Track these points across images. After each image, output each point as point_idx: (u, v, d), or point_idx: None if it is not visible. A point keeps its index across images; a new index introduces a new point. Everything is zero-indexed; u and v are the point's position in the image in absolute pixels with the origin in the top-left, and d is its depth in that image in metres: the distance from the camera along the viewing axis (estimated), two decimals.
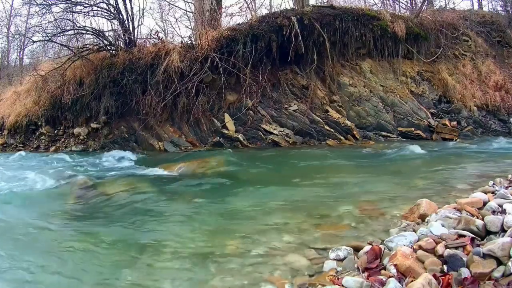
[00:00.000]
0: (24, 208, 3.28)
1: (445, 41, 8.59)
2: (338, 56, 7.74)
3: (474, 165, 4.40)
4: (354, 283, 1.49)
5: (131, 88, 7.36)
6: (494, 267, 1.45)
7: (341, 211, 2.71)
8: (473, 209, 2.02)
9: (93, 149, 7.83)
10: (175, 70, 7.08)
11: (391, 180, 3.79)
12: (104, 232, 2.64)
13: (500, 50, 9.56)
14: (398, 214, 2.51)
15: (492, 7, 13.05)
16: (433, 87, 8.24)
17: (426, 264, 1.55)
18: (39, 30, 8.68)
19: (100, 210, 3.31)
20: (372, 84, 7.85)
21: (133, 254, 2.17)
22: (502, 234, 1.69)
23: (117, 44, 8.17)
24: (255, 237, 2.31)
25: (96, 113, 7.76)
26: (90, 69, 7.81)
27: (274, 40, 7.27)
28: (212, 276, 1.84)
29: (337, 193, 3.36)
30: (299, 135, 7.28)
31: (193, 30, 9.43)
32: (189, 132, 7.49)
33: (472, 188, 2.88)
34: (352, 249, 1.88)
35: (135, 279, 1.86)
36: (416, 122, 7.61)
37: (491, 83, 8.46)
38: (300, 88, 7.66)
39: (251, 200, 3.32)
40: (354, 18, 7.69)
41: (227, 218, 2.81)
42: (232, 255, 2.06)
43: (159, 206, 3.33)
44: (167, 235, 2.49)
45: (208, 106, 7.36)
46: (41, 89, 8.33)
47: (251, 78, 7.19)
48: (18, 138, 8.78)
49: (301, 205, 3.01)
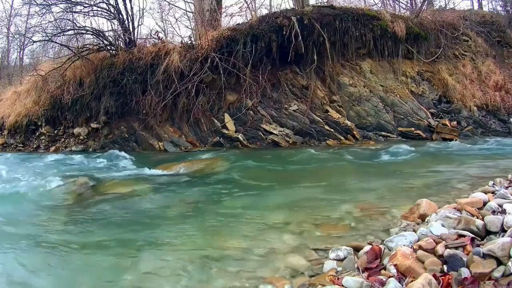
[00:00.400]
0: (23, 208, 3.28)
1: (445, 41, 8.59)
2: (338, 56, 7.74)
3: (474, 165, 4.39)
4: (354, 283, 1.49)
5: (131, 88, 7.37)
6: (494, 267, 1.45)
7: (341, 211, 2.71)
8: (473, 209, 2.02)
9: (93, 149, 7.83)
10: (175, 70, 7.08)
11: (391, 180, 3.79)
12: (104, 232, 2.64)
13: (500, 50, 9.56)
14: (398, 214, 2.50)
15: (492, 7, 13.08)
16: (433, 87, 8.24)
17: (426, 264, 1.55)
18: (39, 30, 8.70)
19: (100, 210, 3.31)
20: (372, 84, 7.85)
21: (133, 254, 2.17)
22: (502, 234, 1.69)
23: (117, 44, 8.18)
24: (255, 237, 2.31)
25: (96, 113, 7.76)
26: (90, 69, 7.81)
27: (274, 40, 7.27)
28: (212, 277, 1.84)
29: (337, 193, 3.36)
30: (299, 135, 7.28)
31: (193, 30, 9.43)
32: (189, 132, 7.49)
33: (472, 188, 2.88)
34: (352, 249, 1.88)
35: (135, 280, 1.85)
36: (416, 122, 7.61)
37: (491, 83, 8.47)
38: (300, 88, 7.66)
39: (251, 200, 3.32)
40: (354, 18, 7.69)
41: (227, 218, 2.81)
42: (232, 255, 2.06)
43: (159, 206, 3.33)
44: (167, 235, 2.49)
45: (208, 106, 7.36)
46: (41, 89, 8.34)
47: (251, 78, 7.19)
48: (18, 138, 8.78)
49: (301, 205, 3.01)
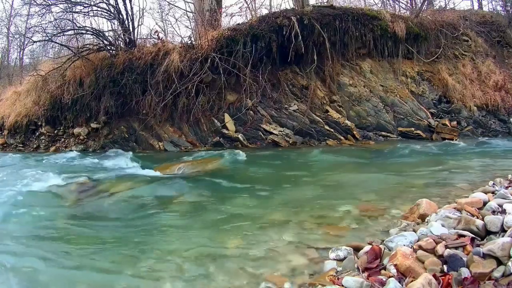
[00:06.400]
0: (23, 209, 3.27)
1: (445, 41, 8.58)
2: (338, 56, 7.74)
3: (474, 165, 4.39)
4: (354, 283, 1.49)
5: (131, 88, 7.36)
6: (494, 267, 1.45)
7: (341, 211, 2.71)
8: (473, 209, 2.02)
9: (93, 149, 7.83)
10: (175, 70, 7.07)
11: (391, 180, 3.79)
12: (104, 232, 2.65)
13: (500, 50, 9.55)
14: (398, 214, 2.51)
15: (492, 7, 13.06)
16: (433, 87, 8.24)
17: (426, 264, 1.55)
18: (39, 30, 8.65)
19: (100, 210, 3.31)
20: (372, 84, 7.85)
21: (133, 254, 2.17)
22: (502, 234, 1.69)
23: (117, 44, 8.17)
24: (255, 237, 2.31)
25: (96, 113, 7.75)
26: (90, 69, 7.81)
27: (274, 40, 7.27)
28: (212, 276, 1.84)
29: (337, 193, 3.36)
30: (299, 135, 7.28)
31: (193, 30, 9.41)
32: (189, 132, 7.49)
33: (472, 188, 2.88)
34: (352, 249, 1.88)
35: (135, 279, 1.86)
36: (416, 122, 7.61)
37: (491, 83, 8.46)
38: (300, 88, 7.66)
39: (251, 199, 3.32)
40: (354, 18, 7.69)
41: (227, 218, 2.81)
42: (232, 255, 2.06)
43: (159, 206, 3.33)
44: (167, 235, 2.50)
45: (208, 106, 7.36)
46: (41, 89, 8.32)
47: (251, 78, 7.19)
48: (18, 138, 8.77)
49: (301, 205, 3.01)
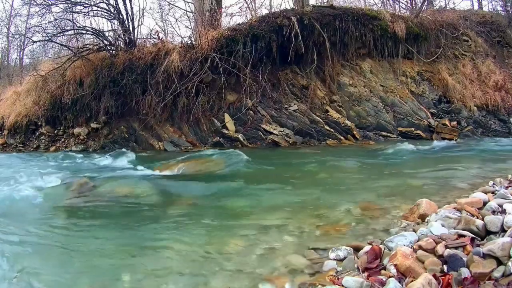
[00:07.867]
0: (23, 209, 3.28)
1: (445, 41, 8.59)
2: (338, 56, 7.75)
3: (474, 165, 4.40)
4: (354, 283, 1.49)
5: (131, 88, 7.36)
6: (494, 267, 1.45)
7: (341, 211, 2.71)
8: (473, 209, 2.02)
9: (93, 149, 7.82)
10: (175, 70, 7.07)
11: (391, 180, 3.79)
12: (104, 232, 2.64)
13: (500, 50, 9.55)
14: (398, 214, 2.51)
15: (492, 7, 13.06)
16: (433, 87, 8.24)
17: (426, 264, 1.55)
18: (39, 30, 8.65)
19: (100, 210, 3.31)
20: (372, 84, 7.86)
21: (133, 254, 2.17)
22: (502, 234, 1.69)
23: (117, 44, 8.17)
24: (255, 237, 2.31)
25: (96, 113, 7.75)
26: (90, 69, 7.80)
27: (274, 40, 7.27)
28: (212, 276, 1.84)
29: (337, 193, 3.36)
30: (299, 135, 7.28)
31: (193, 30, 9.41)
32: (189, 132, 7.49)
33: (472, 188, 2.89)
34: (352, 249, 1.88)
35: (135, 279, 1.86)
36: (416, 122, 7.61)
37: (491, 83, 8.47)
38: (300, 88, 7.66)
39: (251, 200, 3.32)
40: (354, 18, 7.69)
41: (227, 218, 2.81)
42: (232, 255, 2.06)
43: (159, 206, 3.33)
44: (167, 235, 2.49)
45: (208, 106, 7.36)
46: (41, 89, 8.32)
47: (251, 78, 7.19)
48: (18, 138, 8.76)
49: (301, 205, 3.01)
